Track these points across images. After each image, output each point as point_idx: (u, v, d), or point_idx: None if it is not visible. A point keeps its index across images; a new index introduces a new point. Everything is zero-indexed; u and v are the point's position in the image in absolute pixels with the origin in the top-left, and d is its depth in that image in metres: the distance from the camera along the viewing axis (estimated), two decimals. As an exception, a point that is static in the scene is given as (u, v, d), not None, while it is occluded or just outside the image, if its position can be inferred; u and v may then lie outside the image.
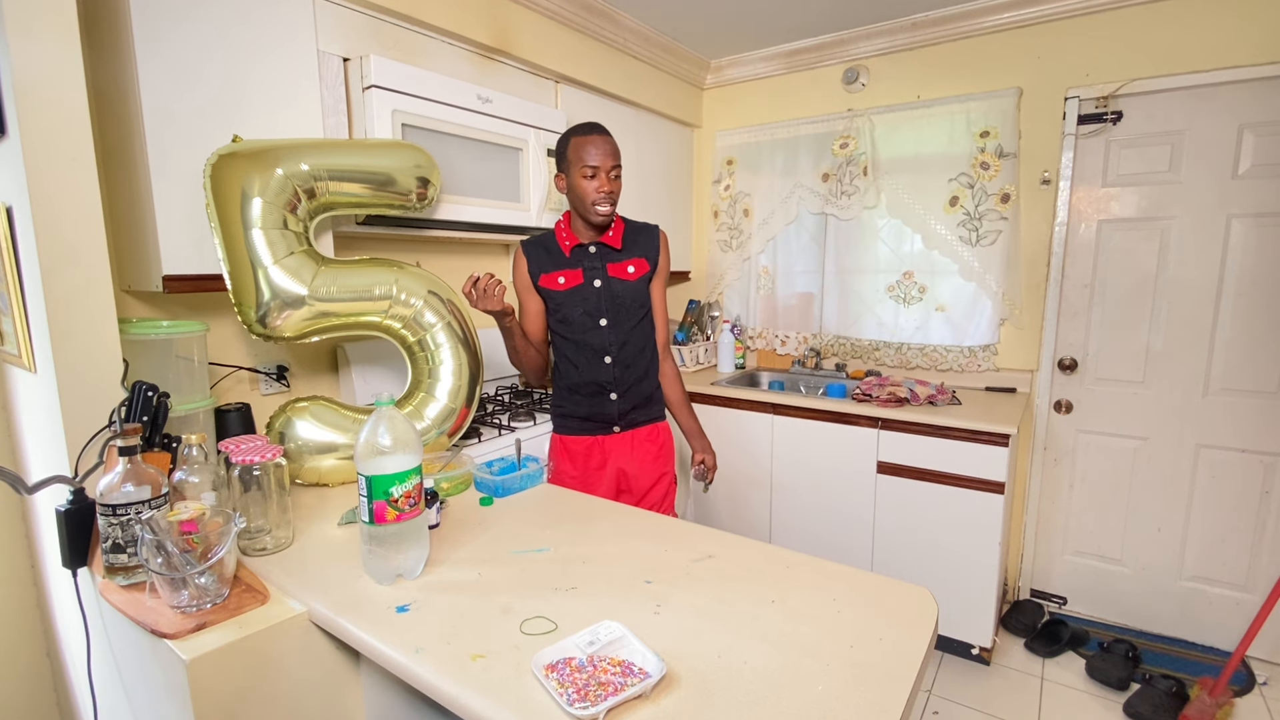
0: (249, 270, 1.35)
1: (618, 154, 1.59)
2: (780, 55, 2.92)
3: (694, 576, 1.07)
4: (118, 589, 1.07)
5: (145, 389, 1.20)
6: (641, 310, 1.71)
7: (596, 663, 0.80)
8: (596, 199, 1.57)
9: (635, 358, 1.71)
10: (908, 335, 2.74)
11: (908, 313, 2.73)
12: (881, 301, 2.80)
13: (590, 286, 1.66)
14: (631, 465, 1.75)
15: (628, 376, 1.71)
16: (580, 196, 1.59)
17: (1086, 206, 2.40)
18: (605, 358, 1.68)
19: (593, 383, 1.70)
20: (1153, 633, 2.40)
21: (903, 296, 2.74)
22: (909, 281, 2.72)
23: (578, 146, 1.57)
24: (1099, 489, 2.47)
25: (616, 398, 1.70)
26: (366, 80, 1.65)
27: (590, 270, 1.66)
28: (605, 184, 1.57)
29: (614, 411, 1.71)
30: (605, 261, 1.67)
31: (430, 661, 0.84)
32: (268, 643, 0.97)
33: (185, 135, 1.36)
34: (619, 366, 1.69)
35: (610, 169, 1.57)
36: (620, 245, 1.68)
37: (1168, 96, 2.22)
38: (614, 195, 1.59)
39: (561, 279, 1.66)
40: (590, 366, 1.69)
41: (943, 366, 2.68)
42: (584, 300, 1.66)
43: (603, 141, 1.57)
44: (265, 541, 1.18)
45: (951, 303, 2.64)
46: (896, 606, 0.97)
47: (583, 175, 1.57)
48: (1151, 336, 2.33)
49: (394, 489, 1.02)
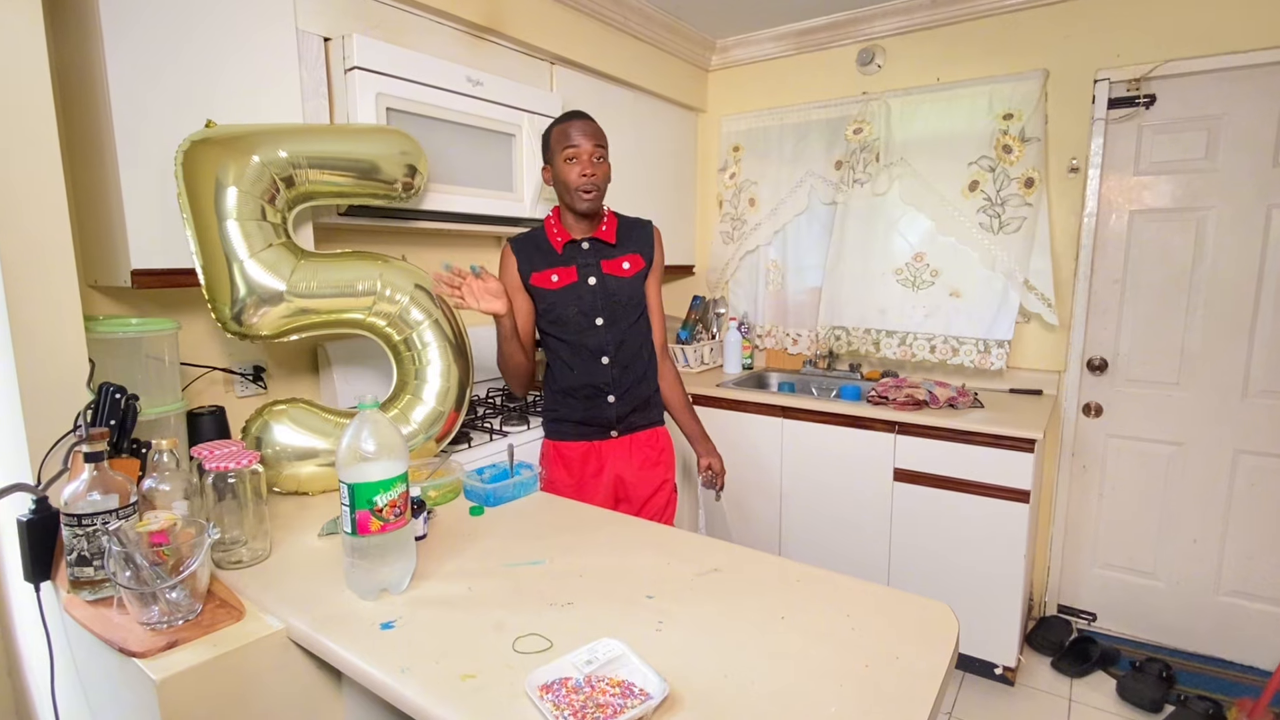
0: (223, 264, 1.34)
1: (601, 136, 1.61)
2: (790, 35, 2.92)
3: (698, 591, 1.06)
4: (83, 604, 1.07)
5: (113, 391, 1.20)
6: (638, 308, 1.72)
7: (595, 683, 0.80)
8: (580, 183, 1.58)
9: (633, 358, 1.72)
10: (929, 332, 2.71)
11: (928, 309, 2.70)
12: (895, 291, 2.77)
13: (585, 284, 1.66)
14: (630, 472, 1.75)
15: (626, 378, 1.71)
16: (564, 183, 1.60)
17: (1117, 196, 2.40)
18: (602, 358, 1.68)
19: (589, 385, 1.70)
20: (1188, 651, 2.40)
21: (913, 281, 2.72)
22: (930, 275, 2.69)
23: (559, 133, 1.59)
24: (1131, 497, 2.47)
25: (614, 400, 1.70)
26: (349, 61, 1.65)
27: (585, 267, 1.66)
28: (588, 167, 1.58)
29: (612, 415, 1.72)
30: (600, 258, 1.67)
31: (417, 682, 0.84)
32: (243, 662, 0.96)
33: (155, 120, 1.36)
34: (617, 367, 1.69)
35: (593, 151, 1.58)
36: (615, 240, 1.69)
37: (1204, 79, 2.22)
38: (598, 180, 1.60)
39: (554, 277, 1.66)
40: (586, 368, 1.69)
41: (965, 365, 2.67)
42: (579, 299, 1.66)
43: (584, 124, 1.59)
44: (241, 554, 1.17)
45: (969, 291, 2.61)
46: (914, 623, 0.97)
47: (564, 161, 1.58)
48: (1187, 335, 2.33)
49: (378, 498, 1.01)
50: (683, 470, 2.84)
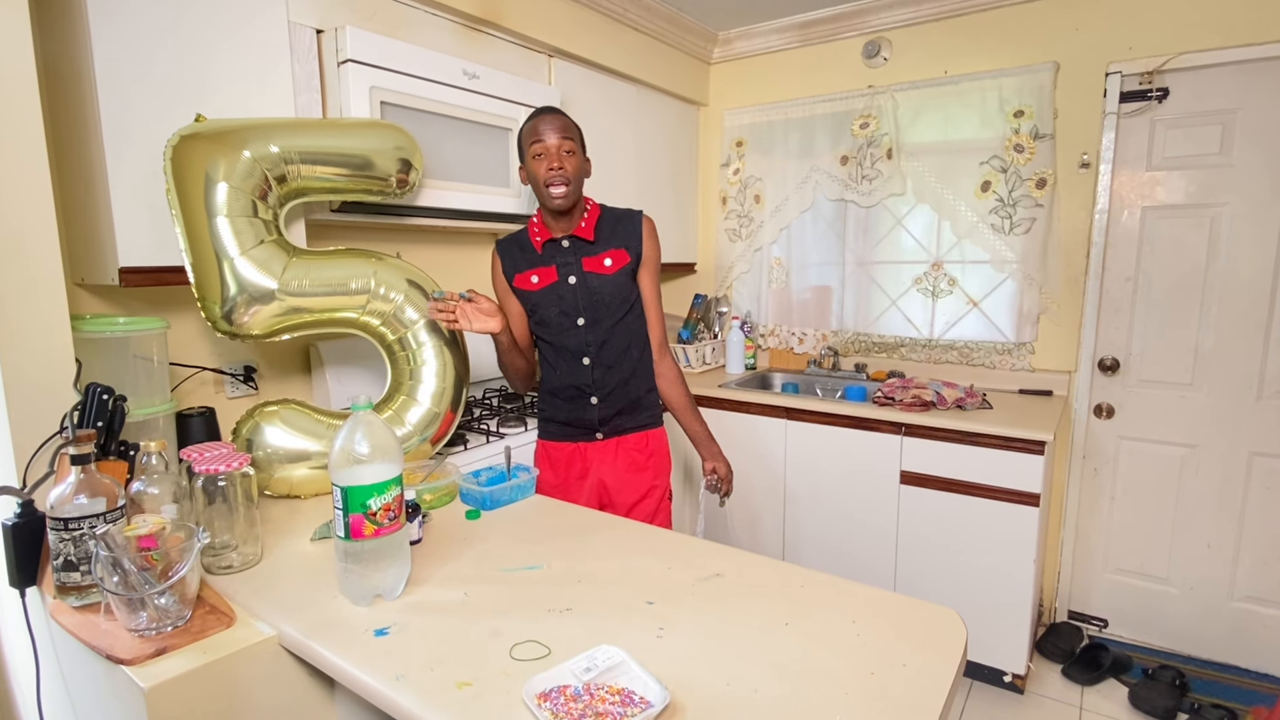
0: (213, 262, 1.34)
1: (570, 130, 1.59)
2: (794, 26, 2.92)
3: (700, 596, 1.06)
4: (70, 610, 1.07)
5: (100, 392, 1.20)
6: (624, 306, 1.69)
7: (594, 691, 0.80)
8: (548, 178, 1.56)
9: (618, 359, 1.70)
10: (936, 332, 2.75)
11: (936, 307, 2.74)
12: (907, 295, 2.80)
13: (565, 284, 1.66)
14: (614, 476, 1.74)
15: (610, 379, 1.70)
16: (535, 180, 1.59)
17: (1129, 192, 2.40)
18: (583, 359, 1.68)
19: (571, 386, 1.70)
20: (1202, 658, 2.40)
21: (931, 290, 2.75)
22: (938, 273, 2.72)
23: (528, 130, 1.59)
24: (1143, 501, 2.47)
25: (597, 402, 1.70)
26: (342, 54, 1.65)
27: (564, 266, 1.66)
28: (555, 160, 1.56)
29: (595, 417, 1.71)
30: (580, 256, 1.66)
31: (412, 689, 0.84)
32: (234, 669, 0.96)
33: (144, 114, 1.36)
34: (599, 368, 1.69)
35: (559, 145, 1.56)
36: (593, 237, 1.67)
37: (1219, 71, 2.22)
38: (567, 174, 1.57)
39: (535, 277, 1.66)
40: (569, 369, 1.70)
41: (973, 365, 2.68)
42: (559, 299, 1.66)
43: (552, 118, 1.58)
44: (231, 558, 1.17)
45: (983, 296, 2.64)
46: (921, 629, 0.97)
47: (533, 157, 1.58)
48: (1201, 334, 2.33)
49: (372, 501, 1.01)
50: (685, 475, 2.84)
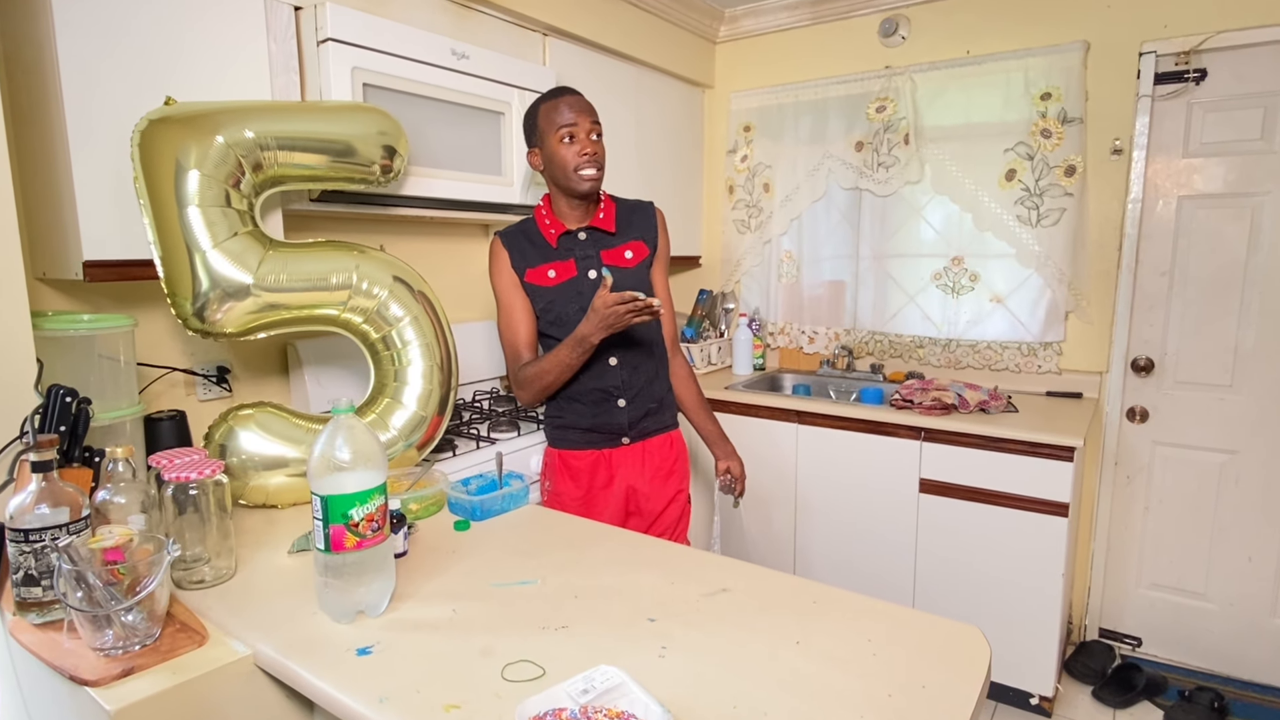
0: (184, 255, 1.34)
1: (595, 112, 1.62)
2: (806, 3, 2.92)
3: (706, 613, 1.06)
4: (30, 628, 1.06)
5: (63, 394, 1.20)
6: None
7: (591, 714, 0.80)
8: (579, 163, 1.57)
9: (644, 358, 1.71)
10: (958, 330, 2.74)
11: (957, 304, 2.73)
12: (926, 291, 2.80)
13: (586, 279, 1.66)
14: (643, 482, 1.75)
15: (637, 379, 1.71)
16: (561, 165, 1.59)
17: (1164, 180, 2.40)
18: (610, 359, 1.68)
19: (597, 389, 1.69)
20: (1242, 679, 2.40)
21: (951, 285, 2.75)
22: (958, 268, 2.72)
23: (548, 111, 1.59)
24: (1179, 511, 2.47)
25: (625, 404, 1.70)
26: (322, 33, 1.65)
27: (584, 260, 1.66)
28: (587, 145, 1.58)
29: (623, 420, 1.71)
30: (599, 248, 1.67)
31: (396, 712, 0.84)
32: (206, 690, 0.96)
33: (110, 97, 1.36)
34: (626, 369, 1.69)
35: (591, 128, 1.59)
36: (614, 228, 1.68)
37: (1260, 51, 2.22)
38: (599, 158, 1.60)
39: (551, 272, 1.66)
40: (593, 371, 1.68)
41: (997, 366, 2.68)
42: (580, 295, 1.65)
43: (576, 99, 1.60)
44: (203, 572, 1.17)
45: (1008, 292, 2.64)
46: (942, 648, 0.97)
47: (560, 140, 1.58)
48: (1241, 332, 2.33)
49: (354, 511, 1.01)
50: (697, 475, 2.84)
